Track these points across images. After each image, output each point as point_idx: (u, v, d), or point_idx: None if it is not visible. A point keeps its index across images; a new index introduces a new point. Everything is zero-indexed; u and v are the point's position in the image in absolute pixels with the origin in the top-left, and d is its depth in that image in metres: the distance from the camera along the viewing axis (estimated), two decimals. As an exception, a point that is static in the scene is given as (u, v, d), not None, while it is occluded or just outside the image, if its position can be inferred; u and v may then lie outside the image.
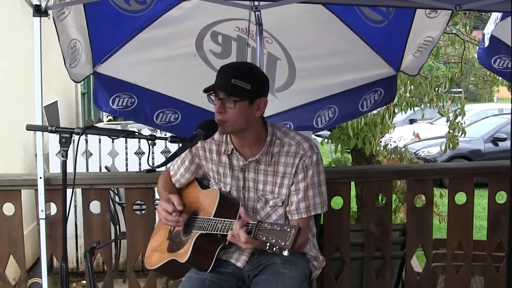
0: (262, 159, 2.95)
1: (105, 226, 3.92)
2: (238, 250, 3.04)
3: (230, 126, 2.86)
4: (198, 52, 4.43)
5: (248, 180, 3.02)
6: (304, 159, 2.92)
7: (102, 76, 4.30)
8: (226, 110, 2.83)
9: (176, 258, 2.96)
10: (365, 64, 4.48)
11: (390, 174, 4.20)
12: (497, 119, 17.04)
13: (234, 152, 3.00)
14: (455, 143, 7.16)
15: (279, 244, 2.40)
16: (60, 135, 2.77)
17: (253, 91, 2.82)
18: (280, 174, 2.96)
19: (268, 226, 2.50)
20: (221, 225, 2.77)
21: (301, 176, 2.93)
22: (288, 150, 2.94)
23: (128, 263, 4.01)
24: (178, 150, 2.74)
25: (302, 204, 2.94)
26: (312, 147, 2.95)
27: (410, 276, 4.14)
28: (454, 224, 4.11)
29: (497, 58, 4.63)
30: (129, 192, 3.95)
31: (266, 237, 2.46)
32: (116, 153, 6.85)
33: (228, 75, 2.82)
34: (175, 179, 3.28)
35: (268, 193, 3.00)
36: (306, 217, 2.96)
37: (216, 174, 3.11)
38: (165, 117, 4.58)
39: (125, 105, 4.39)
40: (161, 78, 4.48)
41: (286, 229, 2.42)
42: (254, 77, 2.87)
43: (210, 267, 2.91)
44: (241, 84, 2.78)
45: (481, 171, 4.31)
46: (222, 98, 2.83)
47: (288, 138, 2.97)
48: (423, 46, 4.20)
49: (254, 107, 2.87)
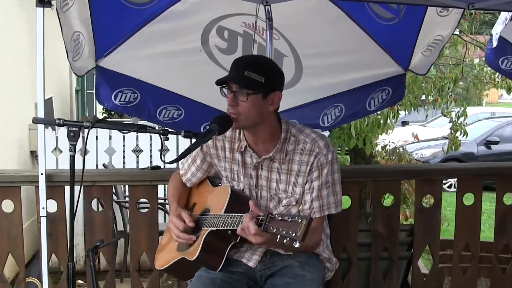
0: (276, 157, 2.88)
1: (107, 224, 3.84)
2: (250, 250, 2.97)
3: (243, 120, 2.78)
4: (204, 47, 4.33)
5: (261, 178, 2.95)
6: (319, 157, 2.85)
7: (104, 70, 4.19)
8: (238, 103, 2.76)
9: (185, 257, 2.88)
10: (373, 63, 4.40)
11: (399, 174, 4.14)
12: (490, 122, 17.13)
13: (247, 149, 2.93)
14: (457, 144, 7.13)
15: (289, 235, 2.33)
16: (68, 128, 2.67)
17: (267, 85, 2.74)
18: (294, 172, 2.88)
19: (278, 217, 2.43)
20: (231, 220, 2.69)
21: (316, 174, 2.86)
22: (303, 148, 2.87)
23: (131, 263, 3.92)
24: (192, 146, 2.66)
25: (315, 203, 2.87)
26: (327, 145, 2.88)
27: (417, 277, 4.09)
28: (461, 225, 4.06)
29: (505, 59, 4.58)
30: (133, 190, 3.86)
31: (277, 228, 2.38)
32: (113, 151, 6.77)
33: (242, 67, 2.75)
34: (185, 178, 3.20)
35: (281, 192, 2.92)
36: (320, 217, 2.89)
37: (229, 172, 3.03)
38: (168, 114, 4.48)
39: (127, 100, 4.28)
40: (165, 73, 4.39)
41: (297, 220, 2.35)
42: (269, 70, 2.80)
43: (221, 265, 2.83)
44: (255, 76, 2.71)
45: (490, 172, 4.25)
46: (235, 90, 2.75)
47: (303, 136, 2.90)
48: (432, 45, 4.13)
49: (268, 101, 2.79)
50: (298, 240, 2.31)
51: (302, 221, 2.33)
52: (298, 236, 2.31)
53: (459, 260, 4.09)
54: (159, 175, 3.88)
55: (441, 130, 17.87)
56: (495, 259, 4.13)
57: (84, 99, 12.08)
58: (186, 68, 4.40)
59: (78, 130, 2.67)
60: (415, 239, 4.04)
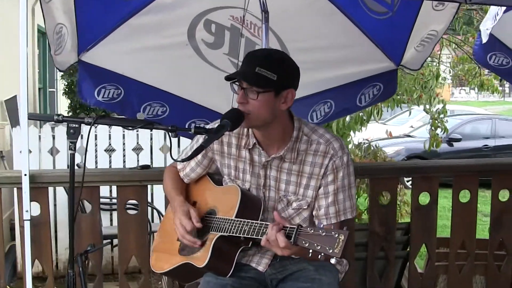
0: (287, 156, 2.73)
1: (95, 227, 3.64)
2: (258, 253, 2.82)
3: (253, 120, 2.62)
4: (190, 41, 4.16)
5: (270, 178, 2.79)
6: (335, 159, 2.70)
7: (87, 65, 3.98)
8: (248, 101, 2.60)
9: (191, 262, 2.71)
10: (364, 58, 4.29)
11: (396, 171, 4.05)
12: (451, 120, 17.24)
13: (256, 146, 2.77)
14: (438, 141, 7.10)
15: (326, 251, 2.18)
16: (68, 125, 2.49)
17: (279, 82, 2.58)
18: (306, 174, 2.73)
19: (310, 230, 2.27)
20: (248, 228, 2.53)
21: (331, 178, 2.71)
22: (316, 149, 2.72)
23: (119, 268, 3.73)
24: (205, 142, 2.49)
25: (331, 209, 2.73)
26: (342, 147, 2.74)
27: (414, 277, 4.00)
28: (457, 222, 3.99)
29: (492, 55, 4.53)
30: (122, 190, 3.68)
31: (310, 243, 2.23)
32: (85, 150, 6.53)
33: (253, 63, 2.58)
34: (183, 173, 3.02)
35: (290, 194, 2.77)
36: (336, 223, 2.74)
37: (233, 170, 2.87)
38: (152, 110, 4.29)
39: (111, 97, 4.08)
40: (149, 68, 4.20)
41: (334, 235, 2.19)
42: (282, 66, 2.63)
43: (231, 271, 2.67)
44: (266, 73, 2.55)
45: (486, 169, 4.20)
46: (245, 87, 2.60)
47: (317, 136, 2.75)
48: (426, 40, 4.04)
49: (280, 100, 2.63)
50: (336, 257, 2.17)
51: (340, 236, 2.18)
52: (336, 253, 2.16)
53: (455, 259, 4.01)
54: (149, 174, 3.72)
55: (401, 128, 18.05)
56: (490, 257, 4.07)
57: (46, 97, 11.73)
58: (171, 63, 4.23)
59: (78, 127, 2.48)
60: (411, 237, 3.96)
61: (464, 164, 4.30)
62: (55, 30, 3.47)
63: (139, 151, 6.87)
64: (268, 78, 2.55)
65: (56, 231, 6.44)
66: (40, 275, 5.25)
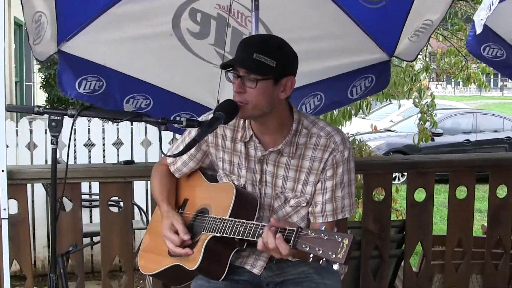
0: (285, 150, 2.55)
1: (76, 226, 3.44)
2: (253, 255, 2.64)
3: (250, 109, 2.44)
4: (175, 31, 3.98)
5: (266, 173, 2.61)
6: (335, 154, 2.52)
7: (67, 55, 3.78)
8: (245, 90, 2.41)
9: (181, 264, 2.54)
10: (356, 49, 4.14)
11: (390, 166, 3.88)
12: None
13: (252, 139, 2.59)
14: (427, 136, 6.97)
15: (328, 256, 2.00)
16: (49, 117, 2.28)
17: (278, 69, 2.40)
18: (305, 169, 2.56)
19: (311, 233, 2.09)
20: (242, 228, 2.35)
21: (330, 173, 2.54)
22: (316, 143, 2.54)
23: (102, 268, 3.54)
24: (197, 136, 2.31)
25: (328, 206, 2.56)
26: (344, 141, 2.56)
27: (409, 276, 3.85)
28: (454, 220, 3.85)
29: (486, 46, 4.38)
30: (104, 187, 3.48)
31: (311, 247, 2.05)
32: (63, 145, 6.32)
33: (251, 49, 2.39)
34: (175, 167, 2.83)
35: (288, 191, 2.59)
36: (332, 221, 2.57)
37: (228, 164, 2.69)
38: (135, 103, 4.10)
39: (92, 89, 3.89)
40: (132, 59, 4.02)
41: (337, 239, 2.02)
42: (281, 52, 2.45)
43: (224, 274, 2.49)
44: (265, 60, 2.36)
45: (484, 164, 4.06)
46: (242, 75, 2.41)
47: (317, 129, 2.57)
48: (420, 30, 3.88)
49: (279, 88, 2.46)
50: (340, 262, 1.99)
51: (344, 241, 2.00)
52: (340, 258, 1.98)
53: (452, 257, 3.88)
54: (134, 170, 3.53)
55: (381, 122, 17.97)
56: (488, 255, 3.94)
57: (23, 91, 11.45)
58: (155, 53, 4.06)
59: (61, 119, 2.29)
60: (407, 235, 3.82)
61: (461, 159, 4.16)
62: (33, 18, 3.27)
63: (119, 146, 6.69)
64: (267, 65, 2.37)
65: (34, 228, 6.22)
66: (17, 273, 5.07)
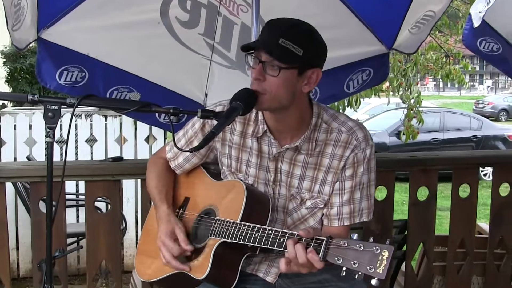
0: (303, 147, 2.33)
1: (60, 228, 3.16)
2: (265, 261, 2.42)
3: (268, 101, 2.20)
4: (162, 19, 3.75)
5: (281, 172, 2.38)
6: (356, 151, 2.31)
7: (47, 43, 3.51)
8: (265, 78, 2.17)
9: (187, 272, 2.30)
10: (353, 40, 3.95)
11: (392, 164, 3.69)
12: (398, 113, 17.20)
13: (266, 134, 2.36)
14: (414, 133, 6.82)
15: (365, 270, 1.78)
16: (45, 107, 2.02)
17: (305, 59, 2.16)
18: (323, 168, 2.34)
19: (343, 244, 1.86)
20: (258, 235, 2.12)
21: (349, 172, 2.33)
22: (337, 139, 2.33)
23: (88, 273, 3.27)
24: (215, 128, 2.07)
25: (345, 209, 2.35)
26: (367, 137, 2.35)
27: (410, 278, 3.67)
28: (457, 219, 3.69)
29: (482, 40, 4.25)
30: (91, 186, 3.22)
31: (344, 259, 1.84)
32: (34, 142, 6.04)
33: (277, 33, 2.14)
34: (176, 163, 2.59)
35: (304, 191, 2.37)
36: (348, 225, 2.36)
37: (235, 161, 2.45)
38: (120, 96, 3.84)
39: (74, 80, 3.62)
40: (117, 49, 3.77)
41: (375, 251, 1.80)
42: (310, 40, 2.20)
43: (234, 283, 2.26)
44: (292, 47, 2.12)
45: (486, 161, 3.94)
46: (264, 61, 2.16)
47: (338, 123, 2.35)
48: (422, 22, 3.70)
49: (303, 80, 2.23)
50: (380, 278, 1.77)
51: (383, 253, 1.79)
52: (380, 273, 1.77)
53: (454, 258, 3.71)
54: (123, 168, 3.28)
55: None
56: (490, 256, 3.79)
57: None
58: (141, 43, 3.82)
59: (58, 109, 2.03)
60: (409, 236, 3.63)
61: (465, 156, 4.00)
62: (13, 1, 2.99)
63: (92, 143, 6.39)
64: (293, 53, 2.13)
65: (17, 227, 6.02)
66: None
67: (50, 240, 2.13)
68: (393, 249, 1.80)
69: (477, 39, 4.21)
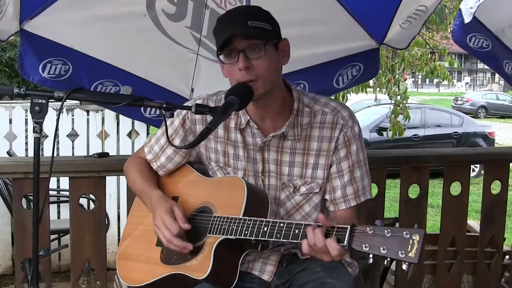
0: (289, 133, 2.29)
1: (43, 226, 3.05)
2: (259, 259, 2.35)
3: (262, 85, 2.17)
4: (149, 11, 3.65)
5: (269, 162, 2.33)
6: (345, 130, 2.29)
7: (30, 35, 3.40)
8: (252, 64, 2.14)
9: (184, 273, 2.20)
10: (343, 35, 3.88)
11: (383, 161, 3.63)
12: (378, 109, 17.23)
13: (249, 125, 2.31)
14: (401, 129, 6.77)
15: (397, 256, 1.74)
16: (32, 100, 1.92)
17: (275, 32, 2.22)
18: (313, 152, 2.30)
19: (369, 231, 1.82)
20: (268, 229, 2.04)
21: (343, 153, 2.30)
22: (322, 120, 2.29)
23: (72, 273, 3.17)
24: (211, 124, 1.98)
25: (349, 189, 2.32)
26: (352, 115, 2.34)
27: (401, 276, 3.61)
28: (448, 217, 3.64)
29: (472, 36, 4.20)
30: (76, 182, 3.12)
31: (371, 246, 1.78)
32: (14, 136, 5.90)
33: (240, 19, 2.16)
34: (158, 164, 2.51)
35: (296, 178, 2.32)
36: (355, 206, 2.33)
37: (222, 156, 2.39)
38: (104, 90, 3.74)
39: (58, 73, 3.52)
40: (102, 41, 3.66)
41: (404, 236, 1.75)
42: (268, 15, 2.26)
43: (235, 281, 2.19)
44: (261, 24, 2.14)
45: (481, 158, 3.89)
46: (243, 49, 2.13)
47: (320, 105, 2.33)
48: (413, 16, 3.64)
49: (280, 53, 2.25)
50: (412, 262, 1.73)
51: (414, 237, 1.74)
52: (412, 257, 1.72)
53: (445, 257, 3.67)
54: (109, 164, 3.18)
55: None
56: (481, 254, 3.74)
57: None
58: (126, 36, 3.72)
59: (46, 103, 1.93)
60: (399, 234, 3.57)
61: (456, 153, 3.94)
62: (-6, -8, 2.89)
63: (74, 138, 6.27)
64: (265, 29, 2.17)
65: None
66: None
67: (37, 240, 2.04)
68: (424, 232, 1.76)
69: (466, 35, 4.16)
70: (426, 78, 8.49)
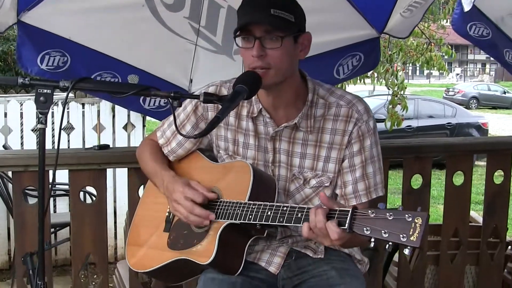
0: (302, 124, 2.25)
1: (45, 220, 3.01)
2: (267, 249, 2.33)
3: (273, 75, 2.13)
4: (147, 2, 3.61)
5: (280, 152, 2.30)
6: (360, 124, 2.25)
7: (28, 27, 3.36)
8: (267, 52, 2.09)
9: (189, 258, 2.18)
10: (343, 24, 3.84)
11: (386, 151, 3.56)
12: (373, 100, 17.21)
13: (262, 113, 2.27)
14: (399, 120, 6.74)
15: (398, 239, 1.71)
16: (37, 90, 1.88)
17: (297, 24, 2.16)
18: (325, 144, 2.26)
19: (371, 214, 1.78)
20: (272, 213, 2.02)
21: (356, 147, 2.26)
22: (336, 113, 2.25)
23: (73, 267, 3.13)
24: (220, 113, 1.94)
25: (360, 185, 2.27)
26: (367, 109, 2.29)
27: (404, 267, 3.59)
28: (450, 208, 3.61)
29: (473, 25, 4.17)
30: (76, 175, 3.07)
31: (372, 229, 1.75)
32: (10, 130, 5.85)
33: (265, 5, 2.08)
34: (168, 149, 2.48)
35: (307, 170, 2.28)
36: (366, 202, 2.28)
37: (232, 144, 2.36)
38: (103, 82, 3.70)
39: (56, 65, 3.48)
40: (100, 33, 3.62)
41: (407, 218, 1.72)
42: (296, 6, 2.18)
43: (240, 268, 2.17)
44: (284, 14, 2.08)
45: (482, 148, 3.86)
46: (261, 36, 2.09)
47: (335, 97, 2.29)
48: (414, 5, 3.60)
49: (299, 47, 2.20)
50: (414, 246, 1.70)
51: (416, 220, 1.71)
52: (414, 241, 1.69)
53: (447, 247, 3.64)
54: (110, 156, 3.14)
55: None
56: (484, 245, 3.73)
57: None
58: (125, 26, 3.69)
59: (51, 93, 1.89)
60: (402, 225, 3.54)
61: (459, 143, 3.90)
62: (-9, -18, 2.84)
63: (69, 131, 6.22)
64: (287, 20, 2.10)
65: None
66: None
67: (43, 233, 2.01)
68: (426, 215, 1.73)
69: (467, 24, 4.13)
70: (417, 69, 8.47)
